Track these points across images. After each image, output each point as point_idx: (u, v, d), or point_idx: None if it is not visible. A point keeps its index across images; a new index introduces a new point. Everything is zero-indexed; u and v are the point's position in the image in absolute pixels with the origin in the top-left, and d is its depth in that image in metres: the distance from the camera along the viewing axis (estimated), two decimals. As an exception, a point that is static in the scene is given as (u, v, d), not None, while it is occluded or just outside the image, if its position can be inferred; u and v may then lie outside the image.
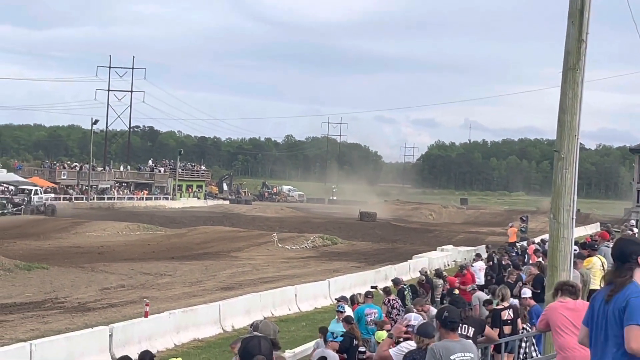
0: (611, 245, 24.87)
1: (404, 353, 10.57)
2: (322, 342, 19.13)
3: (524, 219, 62.83)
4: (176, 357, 16.12)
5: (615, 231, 38.51)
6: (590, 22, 12.28)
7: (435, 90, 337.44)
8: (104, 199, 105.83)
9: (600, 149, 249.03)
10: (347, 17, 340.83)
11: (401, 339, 11.26)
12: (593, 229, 71.07)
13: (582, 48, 12.13)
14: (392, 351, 11.02)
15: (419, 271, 29.82)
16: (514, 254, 33.48)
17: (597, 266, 21.32)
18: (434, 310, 16.85)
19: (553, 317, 10.48)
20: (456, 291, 23.86)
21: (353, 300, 21.58)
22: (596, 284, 21.07)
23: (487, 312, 17.13)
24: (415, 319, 11.59)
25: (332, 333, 17.94)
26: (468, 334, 11.84)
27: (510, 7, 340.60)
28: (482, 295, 21.18)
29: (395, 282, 25.07)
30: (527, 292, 17.31)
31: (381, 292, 23.39)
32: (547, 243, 38.62)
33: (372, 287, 23.91)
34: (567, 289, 10.70)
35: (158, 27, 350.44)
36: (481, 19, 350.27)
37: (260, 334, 6.58)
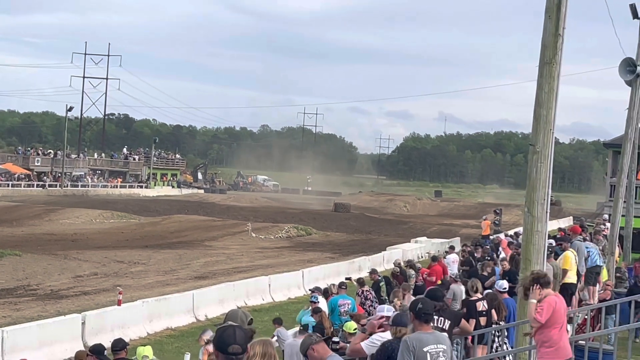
0: (584, 238, 25.06)
1: (375, 345, 10.61)
2: (283, 331, 19.17)
3: (498, 211, 62.92)
4: (145, 346, 16.07)
5: (589, 225, 38.73)
6: (567, 17, 12.34)
7: (410, 82, 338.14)
8: (78, 186, 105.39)
9: (574, 143, 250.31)
10: (323, 7, 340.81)
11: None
12: (566, 222, 71.53)
13: (558, 42, 12.18)
14: (364, 344, 11.05)
15: (393, 263, 29.90)
16: (487, 247, 33.62)
17: (572, 260, 21.49)
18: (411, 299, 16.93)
19: (559, 311, 10.50)
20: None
21: (327, 292, 21.61)
22: (571, 277, 21.26)
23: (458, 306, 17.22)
24: (388, 310, 11.63)
25: (306, 325, 17.99)
26: (444, 327, 11.90)
27: (489, 2, 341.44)
28: (457, 288, 21.26)
29: (372, 272, 25.16)
30: (504, 284, 17.39)
31: (354, 282, 23.45)
32: (520, 236, 38.81)
33: (346, 279, 23.98)
34: (546, 282, 10.73)
35: (134, 15, 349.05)
36: (457, 11, 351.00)
37: (235, 324, 6.58)
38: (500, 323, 15.67)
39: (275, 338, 19.16)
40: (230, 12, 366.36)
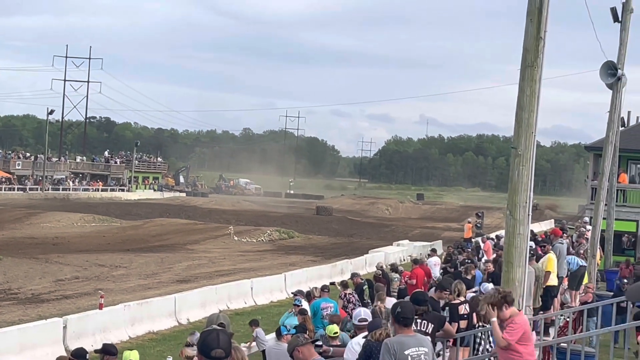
0: (565, 242, 25.18)
1: (355, 351, 10.62)
2: (261, 332, 19.16)
3: (480, 214, 63.10)
4: (131, 350, 16.00)
5: (570, 228, 38.93)
6: (549, 21, 12.37)
7: (391, 85, 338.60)
8: (59, 189, 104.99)
9: (555, 146, 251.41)
10: (304, 10, 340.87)
11: None
12: (547, 225, 71.82)
13: (540, 46, 12.20)
14: (349, 345, 11.05)
15: (376, 266, 29.90)
16: (469, 250, 33.68)
17: (555, 263, 21.60)
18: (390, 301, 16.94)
19: (528, 329, 10.49)
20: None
21: (309, 295, 21.60)
22: (553, 280, 21.35)
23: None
24: (364, 313, 11.63)
25: (286, 327, 17.95)
26: (427, 330, 11.91)
27: (467, 4, 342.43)
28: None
29: (354, 275, 25.15)
30: (488, 287, 17.40)
31: (338, 286, 23.43)
32: (502, 239, 38.89)
33: (330, 284, 23.99)
34: (512, 300, 10.70)
35: (116, 18, 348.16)
36: (439, 14, 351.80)
37: (219, 328, 6.56)
38: (486, 326, 15.67)
39: (254, 339, 19.17)
40: (211, 14, 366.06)
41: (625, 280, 26.02)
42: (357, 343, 10.80)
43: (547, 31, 12.23)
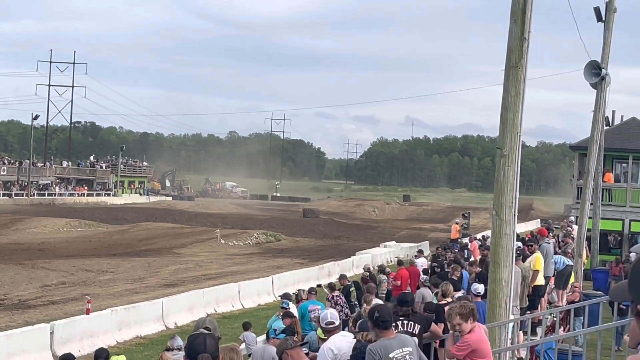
0: (551, 242, 25.24)
1: (327, 355, 10.58)
2: (249, 336, 19.13)
3: (466, 215, 63.20)
4: (118, 355, 15.97)
5: (556, 227, 39.01)
6: (532, 21, 12.40)
7: (375, 86, 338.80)
8: (44, 195, 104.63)
9: (540, 146, 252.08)
10: (288, 13, 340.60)
11: None
12: (533, 225, 72.00)
13: (524, 46, 12.24)
14: (320, 351, 11.01)
15: (363, 268, 29.91)
16: (456, 250, 33.72)
17: (541, 262, 21.65)
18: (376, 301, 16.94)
19: (483, 347, 10.35)
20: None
21: (297, 298, 21.61)
22: (540, 279, 21.39)
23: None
24: (331, 316, 11.59)
25: (275, 330, 17.95)
26: (414, 331, 11.91)
27: (452, 4, 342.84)
28: (426, 292, 21.30)
29: (342, 277, 25.16)
30: (479, 288, 17.37)
31: (325, 289, 23.43)
32: (488, 239, 39.00)
33: (317, 286, 23.99)
34: (475, 315, 10.62)
35: (100, 22, 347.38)
36: (423, 15, 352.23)
37: (206, 332, 6.56)
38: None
39: (242, 342, 19.15)
40: (195, 18, 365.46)
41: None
42: (328, 348, 10.76)
43: (531, 32, 12.27)
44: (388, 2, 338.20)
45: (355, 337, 10.81)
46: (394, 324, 10.30)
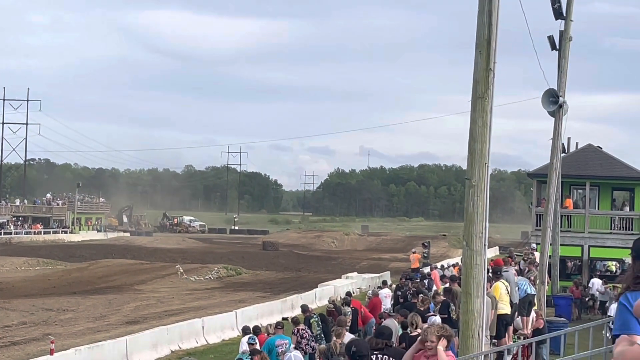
0: (510, 270, 25.36)
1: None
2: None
3: (426, 244, 63.53)
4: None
5: (517, 255, 39.26)
6: (497, 52, 12.54)
7: (329, 118, 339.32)
8: (0, 234, 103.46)
9: (495, 174, 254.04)
10: (240, 46, 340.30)
11: None
12: (492, 252, 72.40)
13: (490, 77, 12.36)
14: None
15: (327, 300, 29.87)
16: (417, 280, 33.79)
17: (502, 290, 21.70)
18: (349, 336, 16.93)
19: None
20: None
21: (257, 330, 21.53)
22: (505, 308, 21.45)
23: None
24: (295, 357, 11.59)
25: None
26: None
27: (403, 37, 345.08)
28: (392, 324, 21.32)
29: (303, 309, 25.09)
30: (436, 320, 17.40)
31: (291, 322, 23.36)
32: (447, 268, 39.17)
33: (283, 319, 23.91)
34: (450, 342, 10.60)
35: (53, 58, 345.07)
36: (375, 46, 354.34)
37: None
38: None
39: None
40: (147, 53, 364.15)
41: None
42: None
43: (496, 62, 12.40)
44: (339, 33, 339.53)
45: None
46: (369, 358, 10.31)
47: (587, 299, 37.72)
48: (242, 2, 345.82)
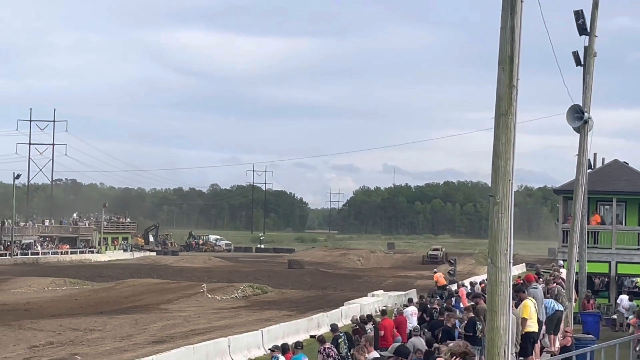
0: (539, 287, 25.21)
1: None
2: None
3: (452, 261, 63.37)
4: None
5: (544, 272, 39.01)
6: (520, 68, 12.50)
7: (353, 135, 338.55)
8: (28, 254, 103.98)
9: (522, 190, 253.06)
10: (263, 65, 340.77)
11: None
12: (519, 269, 72.01)
13: (513, 94, 12.32)
14: None
15: (350, 319, 29.84)
16: (441, 298, 33.68)
17: (531, 309, 21.58)
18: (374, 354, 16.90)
19: None
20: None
21: (285, 349, 21.57)
22: (532, 326, 21.32)
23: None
24: None
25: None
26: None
27: (427, 54, 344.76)
28: (418, 341, 21.27)
29: (333, 328, 25.07)
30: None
31: (317, 341, 23.36)
32: (475, 285, 38.95)
33: (311, 337, 23.93)
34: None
35: (79, 79, 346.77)
36: (397, 63, 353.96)
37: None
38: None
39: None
40: (173, 73, 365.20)
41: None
42: None
43: (519, 79, 12.36)
44: (361, 51, 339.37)
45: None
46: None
47: (614, 316, 37.44)
48: (263, 22, 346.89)
